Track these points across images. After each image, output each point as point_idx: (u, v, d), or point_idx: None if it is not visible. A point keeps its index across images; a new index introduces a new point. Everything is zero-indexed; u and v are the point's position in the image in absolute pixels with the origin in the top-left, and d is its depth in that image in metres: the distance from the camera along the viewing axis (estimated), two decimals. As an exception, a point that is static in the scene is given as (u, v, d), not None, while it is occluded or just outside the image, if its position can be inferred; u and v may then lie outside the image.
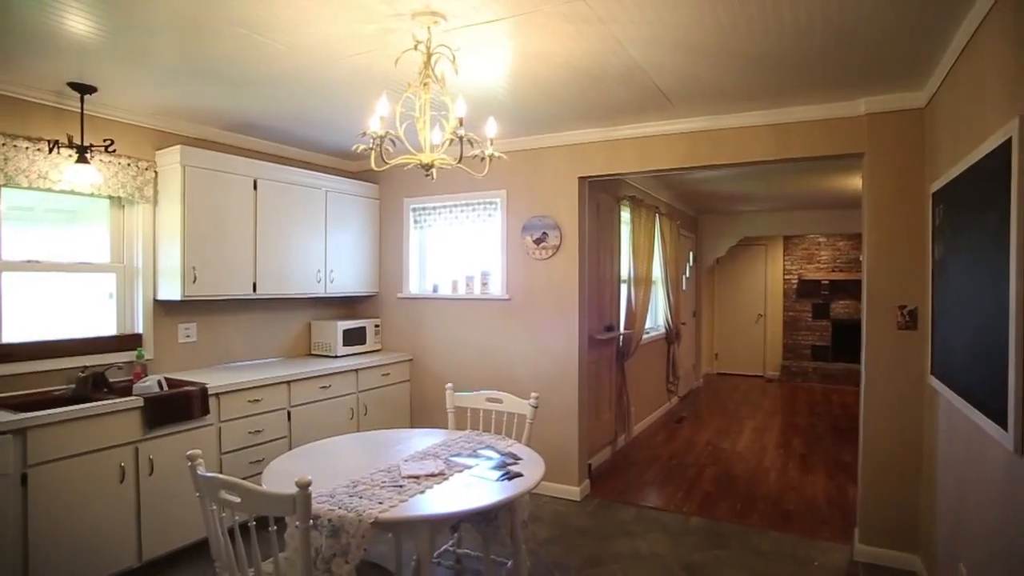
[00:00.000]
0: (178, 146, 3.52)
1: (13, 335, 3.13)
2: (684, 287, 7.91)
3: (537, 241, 4.26)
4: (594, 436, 4.74)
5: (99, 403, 2.85)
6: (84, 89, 3.08)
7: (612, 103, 3.41)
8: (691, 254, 8.54)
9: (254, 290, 3.91)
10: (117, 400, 2.92)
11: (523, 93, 3.23)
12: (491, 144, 2.31)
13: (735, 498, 4.24)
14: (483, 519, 2.54)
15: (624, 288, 5.54)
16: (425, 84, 2.25)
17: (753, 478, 4.69)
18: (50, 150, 3.12)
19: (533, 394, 2.96)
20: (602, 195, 4.91)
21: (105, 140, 3.30)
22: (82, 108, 3.19)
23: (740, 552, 3.38)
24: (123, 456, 2.91)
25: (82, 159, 3.13)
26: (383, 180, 4.93)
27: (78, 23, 2.35)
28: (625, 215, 5.51)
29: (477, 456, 2.53)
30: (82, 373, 3.20)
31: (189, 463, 1.87)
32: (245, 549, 1.80)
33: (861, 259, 3.52)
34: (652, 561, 3.27)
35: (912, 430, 3.16)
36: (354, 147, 2.33)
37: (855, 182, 5.67)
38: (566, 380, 4.20)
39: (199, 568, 3.13)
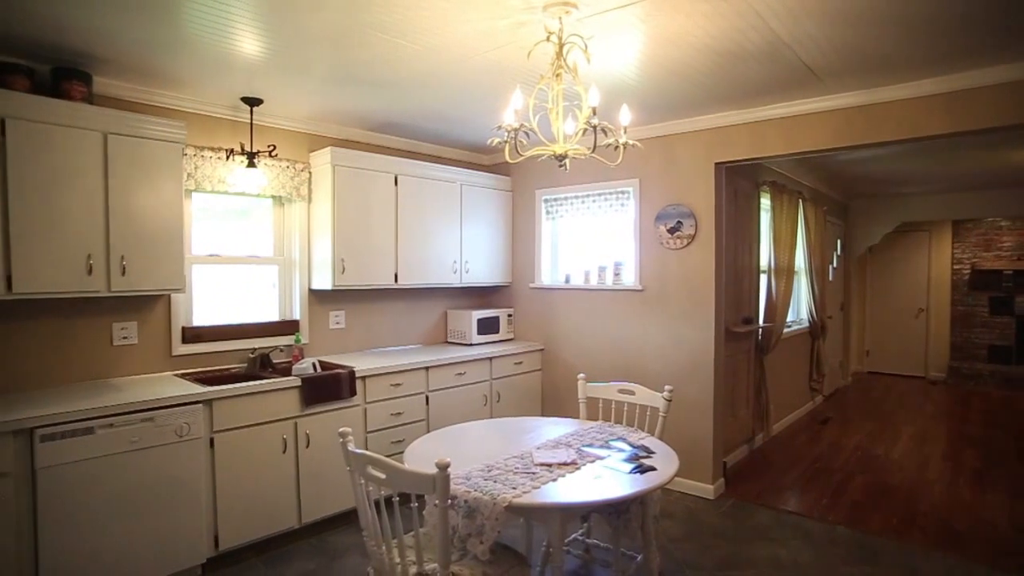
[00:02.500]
0: (329, 148, 3.83)
1: (201, 319, 3.60)
2: (831, 278, 7.29)
3: (671, 230, 4.13)
4: (730, 433, 4.53)
5: (266, 381, 3.20)
6: (253, 102, 3.45)
7: (752, 83, 3.21)
8: (839, 242, 7.84)
9: (396, 280, 4.17)
10: (280, 379, 3.26)
11: (656, 78, 3.14)
12: (624, 132, 2.27)
13: (890, 510, 3.85)
14: (614, 511, 2.53)
15: (764, 279, 5.22)
16: (557, 75, 2.25)
17: (912, 490, 4.24)
18: (227, 157, 3.54)
19: (667, 387, 2.89)
20: (740, 181, 4.65)
21: (269, 146, 3.67)
22: (251, 119, 3.58)
23: (895, 571, 3.07)
24: (285, 429, 3.24)
25: (251, 164, 3.51)
26: (515, 172, 5.03)
27: (250, 44, 2.64)
28: (765, 201, 5.18)
29: (609, 447, 2.52)
30: (252, 354, 3.61)
31: (341, 439, 2.05)
32: (389, 521, 1.94)
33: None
34: (793, 570, 3.07)
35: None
36: (489, 141, 2.40)
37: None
38: (701, 374, 4.05)
39: (349, 535, 3.42)
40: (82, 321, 3.12)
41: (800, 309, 6.47)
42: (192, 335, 3.51)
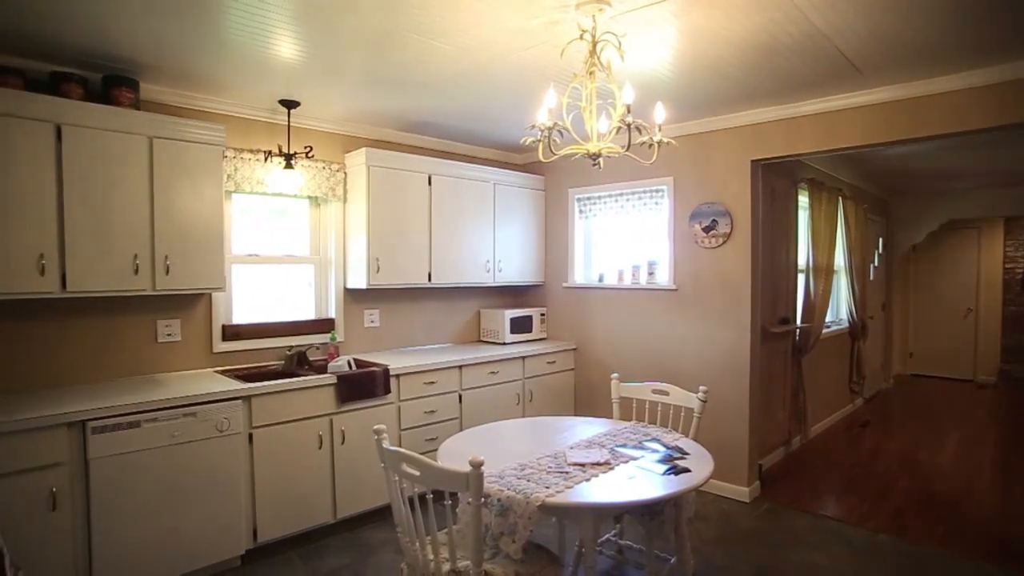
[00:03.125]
0: (364, 148, 3.88)
1: (240, 317, 3.70)
2: (872, 277, 7.08)
3: (706, 229, 4.07)
4: (766, 435, 4.45)
5: (303, 378, 3.27)
6: (290, 104, 3.52)
7: (790, 78, 3.14)
8: (880, 240, 7.61)
9: (429, 279, 4.21)
10: (316, 376, 3.32)
11: (691, 75, 3.10)
12: (659, 130, 2.25)
13: (935, 519, 3.72)
14: (647, 512, 2.51)
15: (802, 278, 5.10)
16: (591, 73, 2.24)
17: (961, 499, 4.08)
18: (265, 159, 3.62)
19: (702, 387, 2.85)
20: (777, 179, 4.55)
21: (306, 147, 3.75)
22: (289, 121, 3.66)
23: (943, 579, 2.98)
24: (321, 426, 3.30)
25: (288, 165, 3.58)
26: (548, 171, 5.03)
27: (287, 48, 2.70)
28: (803, 199, 5.06)
29: (643, 448, 2.50)
30: (289, 352, 3.69)
31: (375, 436, 2.08)
32: (423, 518, 1.96)
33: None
34: (833, 576, 3.00)
35: None
36: (523, 140, 2.40)
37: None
38: (736, 375, 3.98)
39: (382, 531, 3.47)
40: (129, 319, 3.24)
41: (839, 309, 6.30)
42: (232, 333, 3.60)
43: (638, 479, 2.18)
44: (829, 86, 3.28)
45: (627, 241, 4.77)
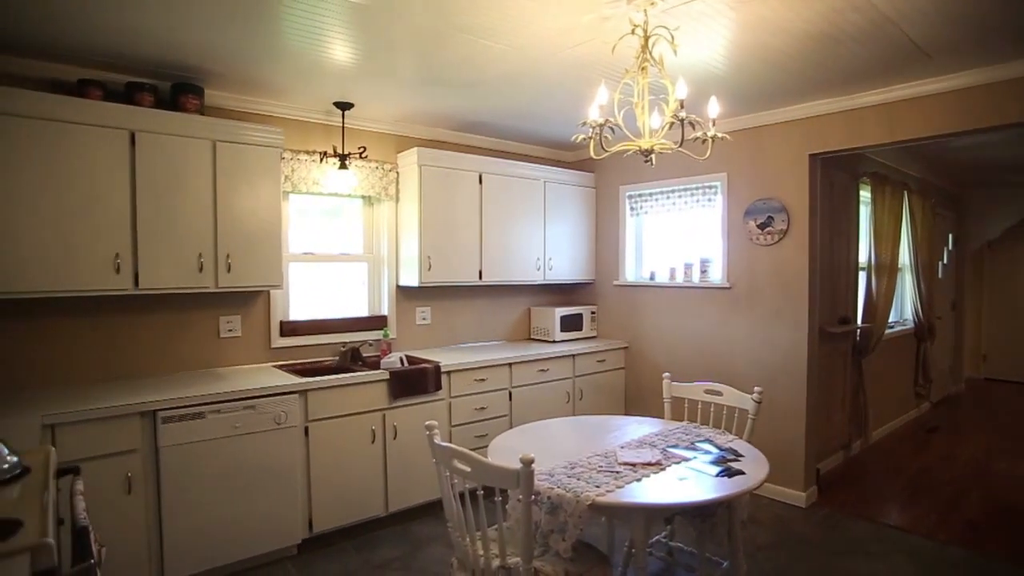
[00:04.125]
0: (415, 148, 3.94)
1: (297, 314, 3.82)
2: (940, 275, 6.73)
3: (761, 226, 3.96)
4: (823, 439, 4.29)
5: (356, 374, 3.35)
6: (344, 106, 3.61)
7: (851, 67, 3.02)
8: (950, 236, 7.22)
9: (480, 277, 4.25)
10: (369, 372, 3.40)
11: (746, 67, 3.02)
12: (713, 125, 2.20)
13: (1016, 533, 3.51)
14: (699, 514, 2.46)
15: (863, 276, 4.90)
16: (643, 68, 2.21)
17: (1039, 509, 3.85)
18: (320, 160, 3.72)
19: (756, 388, 2.78)
20: (837, 173, 4.39)
21: (359, 148, 3.83)
22: (343, 122, 3.75)
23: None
24: (373, 421, 3.38)
25: (343, 166, 3.68)
26: (599, 168, 4.99)
27: (341, 51, 2.77)
28: (865, 194, 4.86)
29: (695, 449, 2.45)
30: (343, 348, 3.79)
31: (427, 432, 2.11)
32: (473, 514, 1.98)
33: None
34: (897, 587, 2.88)
35: None
36: (574, 137, 2.39)
37: None
38: (792, 375, 3.86)
39: (432, 525, 3.52)
40: (193, 315, 3.39)
41: (904, 308, 6.03)
42: (289, 329, 3.73)
43: (690, 480, 2.14)
44: (894, 74, 3.14)
45: (679, 238, 4.69)
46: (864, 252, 4.91)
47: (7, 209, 2.55)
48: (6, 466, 1.58)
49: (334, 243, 4.06)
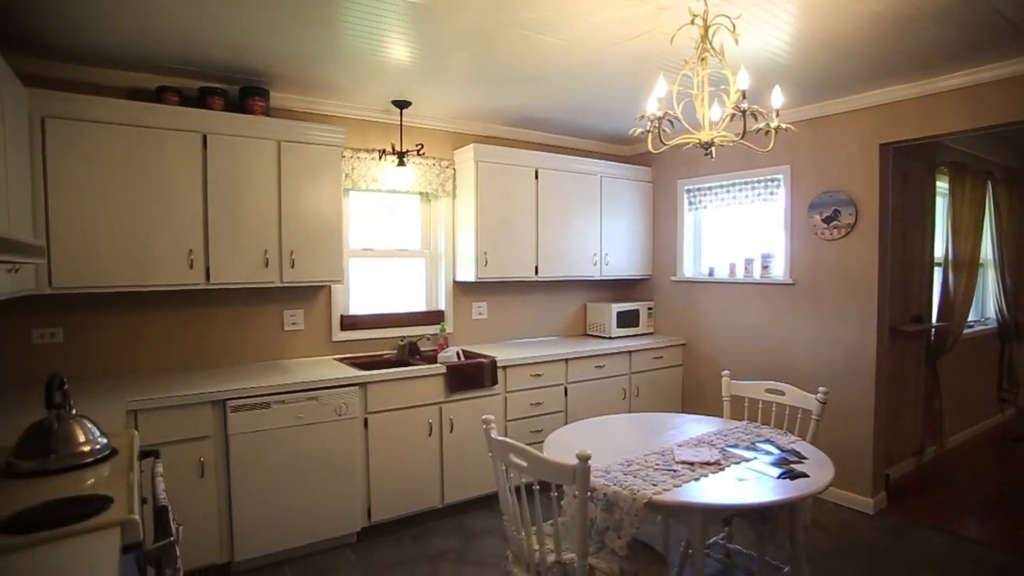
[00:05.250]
0: (472, 144, 3.98)
1: (356, 308, 3.93)
2: (1028, 271, 6.28)
3: (827, 220, 3.80)
4: (894, 443, 4.09)
5: (414, 368, 3.42)
6: (402, 104, 3.68)
7: (929, 49, 2.85)
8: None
9: (536, 273, 4.25)
10: (426, 366, 3.46)
11: (811, 54, 2.90)
12: (776, 116, 2.13)
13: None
14: (759, 516, 2.40)
15: (939, 272, 4.63)
16: (703, 59, 2.16)
17: None
18: (379, 157, 3.81)
19: (821, 388, 2.68)
20: (910, 163, 4.16)
21: (417, 145, 3.90)
22: (401, 120, 3.83)
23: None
24: (431, 414, 3.44)
25: (401, 163, 3.75)
26: (656, 162, 4.91)
27: (399, 50, 2.82)
28: (942, 184, 4.59)
29: (755, 449, 2.39)
30: (401, 342, 3.87)
31: (484, 426, 2.13)
32: (529, 508, 1.99)
33: None
34: (976, 602, 2.71)
35: None
36: (631, 131, 2.36)
37: None
38: (859, 376, 3.70)
39: (487, 518, 3.56)
40: (259, 308, 3.54)
41: (986, 307, 5.66)
42: (349, 323, 3.84)
43: (750, 481, 2.08)
44: (980, 55, 2.94)
45: (739, 233, 4.55)
46: (940, 247, 4.64)
47: (95, 210, 2.74)
48: (98, 447, 1.71)
49: (392, 239, 4.15)
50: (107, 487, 1.49)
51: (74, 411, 1.75)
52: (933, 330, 4.54)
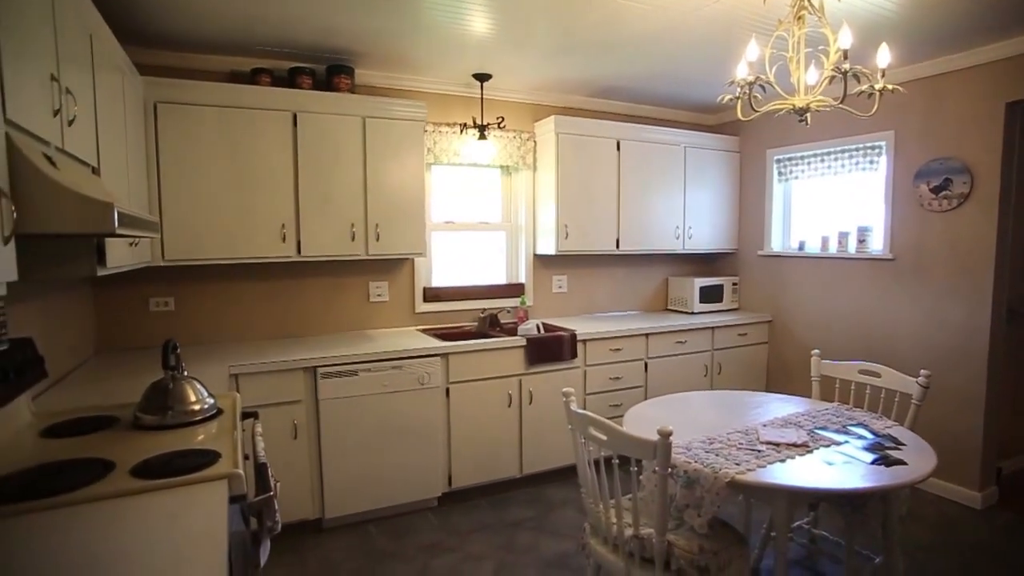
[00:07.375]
0: (552, 116, 3.94)
1: (439, 281, 4.03)
2: None
3: (936, 189, 3.50)
4: (1008, 435, 3.77)
5: (495, 340, 3.48)
6: (483, 77, 3.69)
7: (1070, -3, 2.53)
8: None
9: (617, 246, 4.19)
10: (507, 339, 3.51)
11: (923, 6, 2.64)
12: (882, 76, 1.97)
13: None
14: (848, 503, 2.29)
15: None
16: (799, 18, 2.02)
17: None
18: (460, 131, 3.85)
19: (923, 371, 2.50)
20: (1040, 125, 3.73)
21: (498, 118, 3.91)
22: (482, 94, 3.84)
23: None
24: (510, 385, 3.50)
25: (482, 136, 3.77)
26: (744, 131, 4.68)
27: (479, 22, 2.82)
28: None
29: (847, 433, 2.27)
30: (482, 314, 3.94)
31: (564, 399, 2.15)
32: (608, 482, 2.00)
33: None
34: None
35: None
36: (719, 98, 2.26)
37: None
38: (969, 360, 3.42)
39: (564, 489, 3.61)
40: (346, 280, 3.70)
41: (1125, 286, 5.05)
42: (431, 295, 3.94)
43: (839, 466, 1.99)
44: None
45: (832, 205, 4.28)
46: (1072, 218, 4.16)
47: (199, 187, 2.94)
48: (206, 406, 1.87)
49: (473, 212, 4.20)
50: (215, 443, 1.62)
51: (186, 373, 1.92)
52: (1059, 311, 4.11)
